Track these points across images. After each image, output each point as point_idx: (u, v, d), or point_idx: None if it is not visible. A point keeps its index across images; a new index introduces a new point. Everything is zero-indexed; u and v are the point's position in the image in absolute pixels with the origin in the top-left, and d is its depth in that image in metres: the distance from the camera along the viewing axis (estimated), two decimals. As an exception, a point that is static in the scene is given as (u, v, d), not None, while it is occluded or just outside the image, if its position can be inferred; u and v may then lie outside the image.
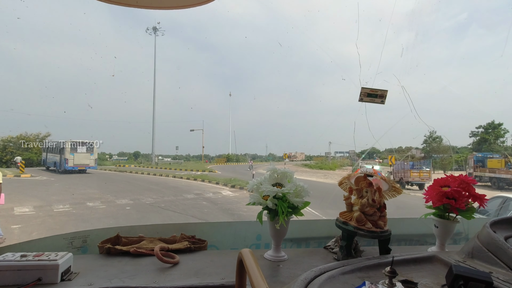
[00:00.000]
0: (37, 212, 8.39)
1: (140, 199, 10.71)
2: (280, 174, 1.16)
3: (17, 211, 8.48)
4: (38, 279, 0.92)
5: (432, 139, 30.45)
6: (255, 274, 0.63)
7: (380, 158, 25.71)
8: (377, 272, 0.93)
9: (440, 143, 29.60)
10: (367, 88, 1.42)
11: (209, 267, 1.09)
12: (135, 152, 50.82)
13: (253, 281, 0.61)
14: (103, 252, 1.22)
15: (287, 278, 1.01)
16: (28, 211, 8.53)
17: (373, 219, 1.15)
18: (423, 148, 29.32)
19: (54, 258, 0.96)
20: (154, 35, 34.05)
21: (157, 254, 1.08)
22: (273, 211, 1.10)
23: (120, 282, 0.95)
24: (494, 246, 0.95)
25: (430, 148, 26.92)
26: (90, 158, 20.83)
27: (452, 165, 25.96)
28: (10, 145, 32.07)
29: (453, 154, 27.34)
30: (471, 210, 1.19)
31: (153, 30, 35.42)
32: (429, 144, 29.63)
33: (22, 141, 31.03)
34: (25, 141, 31.33)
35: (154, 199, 10.77)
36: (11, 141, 32.05)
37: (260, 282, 0.59)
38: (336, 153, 41.88)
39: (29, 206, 9.02)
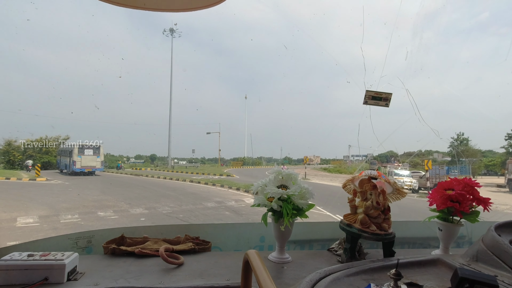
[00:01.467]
0: (41, 224, 7.78)
1: (156, 208, 10.02)
2: (284, 176, 1.16)
3: (20, 222, 7.84)
4: (44, 279, 0.93)
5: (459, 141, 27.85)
6: (263, 275, 0.63)
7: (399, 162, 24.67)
8: (381, 275, 0.93)
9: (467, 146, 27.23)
10: (372, 91, 1.42)
11: (214, 268, 1.10)
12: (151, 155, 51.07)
13: (261, 282, 0.61)
14: (108, 252, 1.23)
15: (292, 279, 1.01)
16: (32, 222, 7.90)
17: (377, 222, 1.16)
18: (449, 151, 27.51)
19: (60, 258, 0.97)
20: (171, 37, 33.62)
21: (162, 254, 1.09)
22: (278, 213, 1.11)
23: (125, 282, 0.96)
24: (499, 249, 0.95)
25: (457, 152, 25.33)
26: (97, 160, 21.62)
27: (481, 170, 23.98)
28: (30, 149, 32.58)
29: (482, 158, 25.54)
30: (475, 214, 1.19)
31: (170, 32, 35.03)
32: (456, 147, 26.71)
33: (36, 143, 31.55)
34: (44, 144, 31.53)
35: (171, 208, 10.05)
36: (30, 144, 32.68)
37: (268, 283, 0.60)
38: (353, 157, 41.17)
39: (35, 216, 8.37)
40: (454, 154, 24.37)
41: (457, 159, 24.40)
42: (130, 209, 9.80)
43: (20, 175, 19.44)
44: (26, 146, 31.71)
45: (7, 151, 31.99)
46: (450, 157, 26.68)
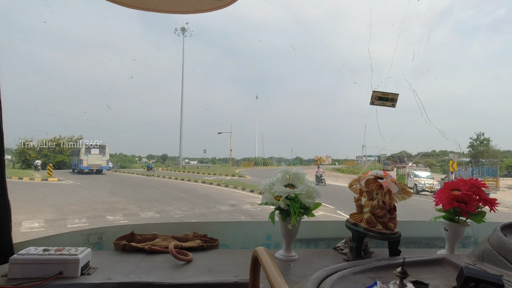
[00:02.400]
0: (46, 229, 7.35)
1: (168, 212, 9.57)
2: (292, 175, 1.18)
3: (25, 227, 7.46)
4: (59, 273, 0.96)
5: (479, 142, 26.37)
6: (273, 272, 0.65)
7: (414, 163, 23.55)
8: (387, 273, 0.94)
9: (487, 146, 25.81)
10: (378, 92, 1.43)
11: (222, 265, 1.12)
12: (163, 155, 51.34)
13: (271, 278, 0.63)
14: (119, 248, 1.26)
15: (299, 277, 1.03)
16: (37, 226, 7.50)
17: (383, 221, 1.17)
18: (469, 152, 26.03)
19: (74, 253, 1.00)
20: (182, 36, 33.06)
21: (172, 251, 1.12)
22: (285, 212, 1.13)
23: (137, 277, 0.99)
24: (505, 249, 0.96)
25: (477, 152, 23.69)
26: (102, 159, 22.82)
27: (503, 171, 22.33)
28: (45, 148, 33.20)
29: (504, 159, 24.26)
30: (482, 214, 1.20)
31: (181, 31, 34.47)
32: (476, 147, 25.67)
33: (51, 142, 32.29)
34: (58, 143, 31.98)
35: (183, 212, 9.59)
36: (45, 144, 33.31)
37: (278, 279, 0.62)
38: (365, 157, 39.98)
39: (41, 219, 7.99)
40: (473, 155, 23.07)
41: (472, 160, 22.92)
42: (141, 212, 9.43)
43: (33, 175, 19.39)
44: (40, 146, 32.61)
45: (22, 151, 32.87)
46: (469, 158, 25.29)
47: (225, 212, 9.75)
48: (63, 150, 32.35)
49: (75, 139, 32.83)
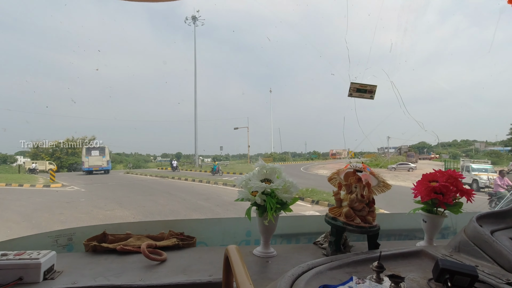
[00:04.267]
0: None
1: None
2: (269, 170, 1.15)
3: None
4: (19, 279, 0.90)
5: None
6: (240, 271, 0.62)
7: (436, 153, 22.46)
8: (365, 267, 0.93)
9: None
10: (356, 83, 1.41)
11: (197, 264, 1.08)
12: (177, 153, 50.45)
13: (238, 278, 0.60)
14: (89, 250, 1.20)
15: (275, 274, 1.00)
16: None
17: (362, 215, 1.15)
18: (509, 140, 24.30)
19: (36, 256, 0.93)
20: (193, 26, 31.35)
21: (144, 251, 1.07)
22: (262, 207, 1.09)
23: (105, 280, 0.93)
24: (480, 239, 0.96)
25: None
26: (103, 160, 23.44)
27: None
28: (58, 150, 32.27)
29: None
30: (459, 205, 1.20)
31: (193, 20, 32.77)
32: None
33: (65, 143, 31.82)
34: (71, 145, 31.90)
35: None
36: (58, 146, 32.28)
37: (244, 279, 0.58)
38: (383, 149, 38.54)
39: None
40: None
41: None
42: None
43: (35, 181, 17.91)
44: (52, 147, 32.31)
45: (35, 153, 31.92)
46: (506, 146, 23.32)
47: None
48: (75, 152, 32.33)
49: (88, 140, 32.85)
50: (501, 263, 0.88)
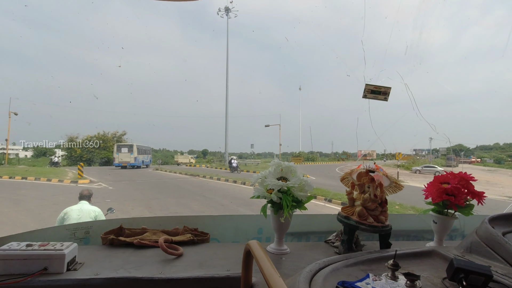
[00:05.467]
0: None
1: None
2: (284, 168, 1.17)
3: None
4: (44, 269, 0.93)
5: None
6: (266, 265, 0.64)
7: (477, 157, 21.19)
8: (379, 265, 0.95)
9: None
10: (371, 85, 1.43)
11: (213, 259, 1.11)
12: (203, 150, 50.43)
13: (265, 271, 0.62)
14: (106, 243, 1.23)
15: (291, 270, 1.02)
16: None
17: (374, 214, 1.17)
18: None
19: (60, 248, 0.96)
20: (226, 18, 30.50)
21: (162, 245, 1.09)
22: (277, 205, 1.11)
23: (126, 272, 0.96)
24: (493, 241, 0.98)
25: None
26: (130, 156, 26.48)
27: None
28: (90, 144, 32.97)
29: None
30: (470, 207, 1.22)
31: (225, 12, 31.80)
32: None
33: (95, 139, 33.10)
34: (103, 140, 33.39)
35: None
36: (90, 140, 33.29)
37: (272, 272, 0.61)
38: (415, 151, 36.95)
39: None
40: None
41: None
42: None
43: (64, 175, 17.52)
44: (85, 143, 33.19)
45: (69, 148, 32.80)
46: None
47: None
48: (107, 147, 33.46)
49: (119, 135, 35.11)
50: None
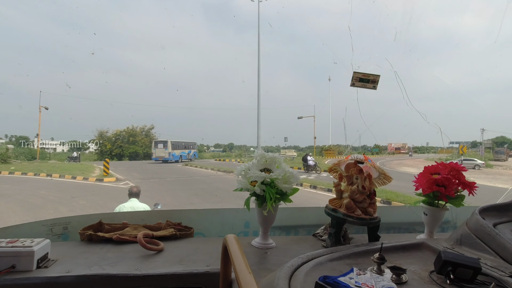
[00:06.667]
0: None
1: None
2: (269, 160, 1.12)
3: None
4: (11, 266, 0.88)
5: None
6: (239, 260, 0.60)
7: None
8: (365, 259, 0.91)
9: None
10: (359, 73, 1.38)
11: (194, 254, 1.06)
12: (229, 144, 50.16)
13: (236, 267, 0.58)
14: (85, 239, 1.17)
15: (274, 265, 0.98)
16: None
17: (362, 206, 1.14)
18: None
19: (29, 244, 0.91)
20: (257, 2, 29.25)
21: (140, 240, 1.05)
22: (261, 198, 1.07)
23: (100, 269, 0.91)
24: (483, 232, 0.94)
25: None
26: (165, 152, 28.33)
27: None
28: (119, 139, 33.79)
29: None
30: (461, 198, 1.18)
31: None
32: None
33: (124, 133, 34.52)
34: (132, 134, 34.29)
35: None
36: (119, 134, 34.11)
37: (243, 268, 0.56)
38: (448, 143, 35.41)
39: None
40: None
41: None
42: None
43: (90, 172, 16.83)
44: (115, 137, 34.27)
45: (100, 142, 33.84)
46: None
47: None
48: (136, 141, 34.38)
49: (147, 129, 36.18)
50: (504, 256, 0.87)
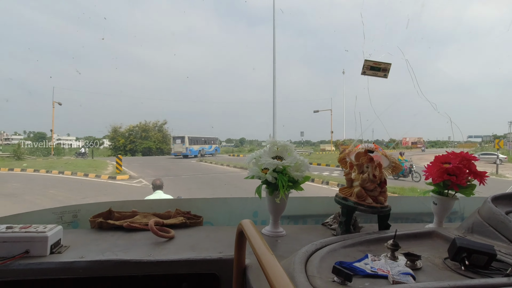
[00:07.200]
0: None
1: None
2: (280, 147, 1.12)
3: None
4: (25, 251, 0.88)
5: None
6: (259, 243, 0.60)
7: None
8: (378, 246, 0.91)
9: None
10: (370, 61, 1.36)
11: (205, 241, 1.07)
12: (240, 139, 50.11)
13: (257, 250, 0.58)
14: (95, 226, 1.18)
15: (286, 252, 0.99)
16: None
17: (373, 195, 1.13)
18: None
19: (42, 230, 0.91)
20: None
21: (152, 228, 1.05)
22: (272, 185, 1.07)
23: (113, 255, 0.92)
24: (496, 220, 0.94)
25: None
26: (183, 147, 28.95)
27: None
28: (132, 134, 33.97)
29: None
30: (471, 187, 1.18)
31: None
32: None
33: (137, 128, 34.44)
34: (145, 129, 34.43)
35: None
36: (133, 130, 34.24)
37: (265, 250, 0.56)
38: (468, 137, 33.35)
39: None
40: None
41: None
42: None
43: (103, 169, 16.45)
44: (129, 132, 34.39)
45: (113, 137, 34.09)
46: None
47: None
48: (148, 136, 34.55)
49: (160, 124, 36.44)
50: None
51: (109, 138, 35.13)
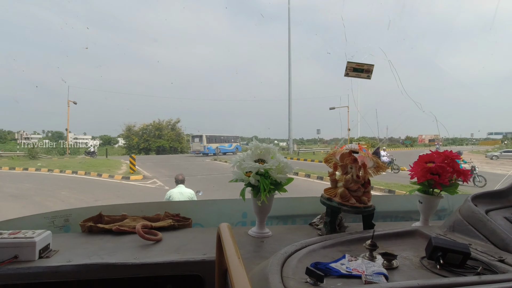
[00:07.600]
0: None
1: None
2: (263, 150, 1.14)
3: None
4: (14, 257, 0.90)
5: None
6: (230, 247, 0.62)
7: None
8: (358, 246, 0.93)
9: None
10: (353, 63, 1.37)
11: (191, 243, 1.09)
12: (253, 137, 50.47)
13: (227, 253, 0.60)
14: (85, 230, 1.20)
15: (269, 253, 1.01)
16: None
17: (357, 195, 1.15)
18: None
19: (30, 235, 0.94)
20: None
21: (139, 231, 1.07)
22: (256, 188, 1.09)
23: (99, 258, 0.94)
24: (475, 219, 0.96)
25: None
26: (201, 145, 29.49)
27: None
28: (145, 133, 34.17)
29: None
30: (455, 186, 1.19)
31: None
32: None
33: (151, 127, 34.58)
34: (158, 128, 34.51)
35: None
36: (146, 128, 34.43)
37: (233, 254, 0.58)
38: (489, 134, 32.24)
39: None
40: None
41: None
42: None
43: (117, 169, 16.29)
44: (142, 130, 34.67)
45: (127, 136, 34.39)
46: None
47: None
48: (162, 135, 34.75)
49: (173, 123, 36.68)
50: (494, 241, 0.88)
51: (123, 137, 35.35)
